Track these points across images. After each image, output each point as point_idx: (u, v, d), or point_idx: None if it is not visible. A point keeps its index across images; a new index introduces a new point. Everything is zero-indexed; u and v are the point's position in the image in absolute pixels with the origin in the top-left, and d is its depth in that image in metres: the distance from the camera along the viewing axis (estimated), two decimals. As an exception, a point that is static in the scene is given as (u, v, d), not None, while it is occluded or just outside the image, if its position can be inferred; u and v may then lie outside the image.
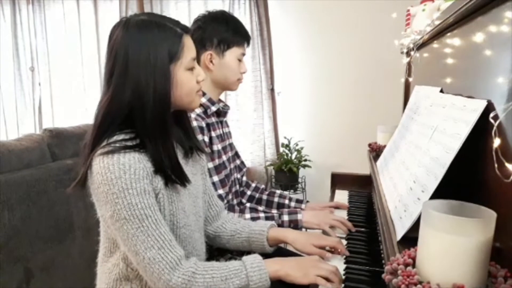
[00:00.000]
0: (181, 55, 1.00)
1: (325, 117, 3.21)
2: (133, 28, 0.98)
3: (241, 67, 1.53)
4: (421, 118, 1.21)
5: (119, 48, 0.97)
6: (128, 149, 0.95)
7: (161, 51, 0.97)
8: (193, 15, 3.28)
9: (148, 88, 0.96)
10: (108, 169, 0.92)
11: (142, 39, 0.97)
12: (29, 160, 1.64)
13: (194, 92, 1.06)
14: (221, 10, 1.56)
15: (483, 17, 0.89)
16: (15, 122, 3.84)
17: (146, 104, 0.96)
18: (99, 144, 0.97)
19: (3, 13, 3.77)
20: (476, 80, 0.91)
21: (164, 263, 0.94)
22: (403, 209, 0.94)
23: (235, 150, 1.69)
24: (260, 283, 0.98)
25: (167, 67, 0.98)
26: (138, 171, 0.94)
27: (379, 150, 1.80)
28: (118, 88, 0.97)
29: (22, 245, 1.55)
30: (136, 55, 0.96)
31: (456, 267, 0.62)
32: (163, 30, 0.99)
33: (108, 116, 0.98)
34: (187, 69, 1.03)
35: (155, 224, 0.95)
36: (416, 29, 1.56)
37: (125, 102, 0.97)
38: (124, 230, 0.93)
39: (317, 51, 3.17)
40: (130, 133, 0.99)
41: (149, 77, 0.96)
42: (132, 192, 0.92)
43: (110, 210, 0.93)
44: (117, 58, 0.97)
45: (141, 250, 0.93)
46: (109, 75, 0.99)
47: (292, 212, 1.45)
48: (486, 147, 0.74)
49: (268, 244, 1.23)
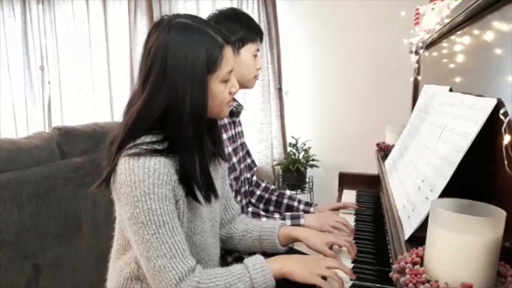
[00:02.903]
0: (219, 67, 0.98)
1: (333, 117, 3.20)
2: (174, 31, 0.95)
3: (256, 63, 1.51)
4: (430, 117, 1.20)
5: (157, 50, 0.94)
6: (155, 153, 0.94)
7: (201, 60, 0.95)
8: (202, 14, 3.28)
9: (185, 96, 0.94)
10: (132, 171, 0.92)
11: (182, 44, 0.95)
12: (39, 158, 1.66)
13: (225, 103, 1.04)
14: (231, 8, 1.55)
15: (493, 15, 0.88)
16: (25, 120, 3.88)
17: (182, 111, 0.94)
18: (126, 145, 0.96)
19: (14, 12, 3.80)
20: (486, 78, 0.90)
21: (173, 273, 0.93)
22: (411, 208, 0.93)
23: (246, 149, 1.68)
24: (265, 284, 0.97)
25: (205, 77, 0.96)
26: (162, 176, 0.93)
27: (387, 149, 1.79)
28: (154, 92, 0.95)
29: (31, 242, 1.56)
30: (176, 61, 0.94)
31: (465, 266, 0.61)
32: (205, 37, 0.97)
33: (141, 120, 0.96)
34: (222, 81, 1.01)
35: (171, 231, 0.94)
36: (425, 28, 1.55)
37: (160, 107, 0.95)
38: (140, 234, 0.93)
39: (325, 50, 3.16)
40: (158, 135, 0.97)
41: (187, 85, 0.94)
42: (153, 197, 0.92)
43: (129, 212, 0.93)
44: (155, 61, 0.95)
45: (153, 257, 0.93)
46: (144, 78, 0.97)
47: (295, 217, 1.44)
48: (496, 145, 0.73)
49: (279, 242, 1.21)
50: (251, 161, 1.71)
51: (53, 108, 3.84)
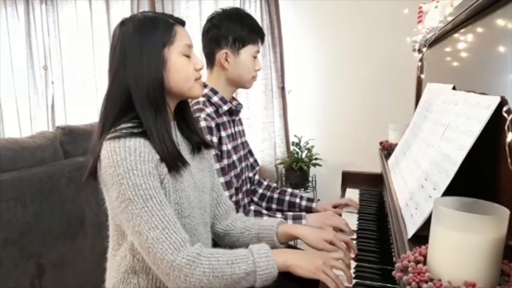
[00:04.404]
0: (174, 40, 1.06)
1: (336, 116, 3.19)
2: (128, 24, 1.06)
3: (255, 64, 1.52)
4: (433, 115, 1.20)
5: (116, 43, 1.05)
6: (134, 135, 0.98)
7: (153, 39, 1.04)
8: (204, 14, 3.29)
9: (143, 71, 1.02)
10: (114, 152, 0.95)
11: (136, 29, 1.04)
12: (42, 157, 1.66)
13: (193, 79, 1.10)
14: (235, 8, 1.55)
15: (496, 12, 0.88)
16: (29, 120, 3.90)
17: (141, 85, 1.02)
18: (106, 132, 1.01)
19: (17, 12, 3.82)
20: (489, 76, 0.90)
21: (168, 243, 0.93)
22: (414, 207, 0.93)
23: (248, 148, 1.68)
24: (268, 270, 0.96)
25: (160, 51, 1.04)
26: (143, 154, 0.97)
27: (390, 148, 1.79)
28: (117, 75, 1.04)
29: (35, 241, 1.57)
30: (132, 45, 1.03)
31: (468, 264, 0.61)
32: (155, 20, 1.06)
33: (109, 102, 1.05)
34: (183, 55, 1.07)
35: (160, 205, 0.96)
36: (428, 26, 1.54)
37: (124, 86, 1.03)
38: (129, 210, 0.94)
39: (328, 49, 3.15)
40: (134, 121, 1.03)
41: (144, 61, 1.02)
42: (136, 173, 0.95)
43: (116, 192, 0.95)
44: (115, 52, 1.05)
45: (145, 230, 0.94)
46: (109, 68, 1.07)
47: (297, 217, 1.44)
48: (499, 143, 0.73)
49: (278, 240, 1.21)
50: (253, 161, 1.71)
51: (57, 107, 3.86)
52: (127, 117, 1.03)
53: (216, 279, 0.94)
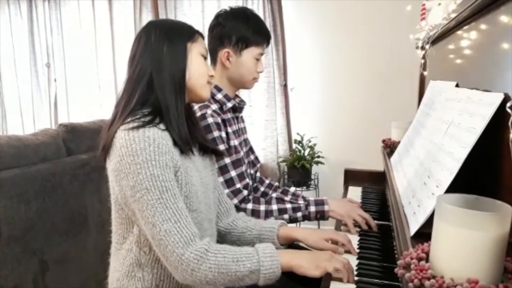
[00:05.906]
0: (196, 40, 1.12)
1: (338, 113, 3.19)
2: (154, 22, 1.14)
3: (258, 66, 1.50)
4: (436, 112, 1.20)
5: (142, 34, 1.10)
6: (152, 125, 1.00)
7: (180, 32, 1.10)
8: (206, 13, 3.29)
9: (167, 56, 1.06)
10: (133, 141, 0.97)
11: (163, 25, 1.10)
12: (45, 155, 1.67)
13: (206, 79, 1.13)
14: (243, 7, 1.54)
15: (500, 9, 0.87)
16: (32, 117, 3.91)
17: (164, 66, 1.06)
18: (123, 115, 1.03)
19: (20, 10, 3.82)
20: (492, 73, 0.90)
21: (179, 237, 0.96)
22: (417, 204, 0.93)
23: (249, 145, 1.68)
24: (271, 270, 0.98)
25: (185, 43, 1.09)
26: (161, 145, 0.98)
27: (393, 146, 1.78)
28: (141, 58, 1.07)
29: (38, 238, 1.57)
30: (159, 34, 1.08)
31: (471, 262, 0.61)
32: (181, 23, 1.14)
33: (129, 84, 1.07)
34: (201, 55, 1.12)
35: (174, 198, 0.98)
36: (431, 23, 1.54)
37: (145, 68, 1.06)
38: (144, 200, 0.96)
39: (330, 46, 3.15)
40: (152, 113, 1.05)
41: (170, 47, 1.07)
42: (155, 164, 0.97)
43: (132, 181, 0.97)
44: (140, 41, 1.09)
45: (159, 221, 0.96)
46: (131, 56, 1.09)
47: (319, 203, 1.44)
48: (502, 140, 0.72)
49: (279, 242, 1.23)
50: (254, 158, 1.71)
51: (59, 105, 3.86)
52: (144, 106, 1.05)
53: (221, 275, 0.97)
